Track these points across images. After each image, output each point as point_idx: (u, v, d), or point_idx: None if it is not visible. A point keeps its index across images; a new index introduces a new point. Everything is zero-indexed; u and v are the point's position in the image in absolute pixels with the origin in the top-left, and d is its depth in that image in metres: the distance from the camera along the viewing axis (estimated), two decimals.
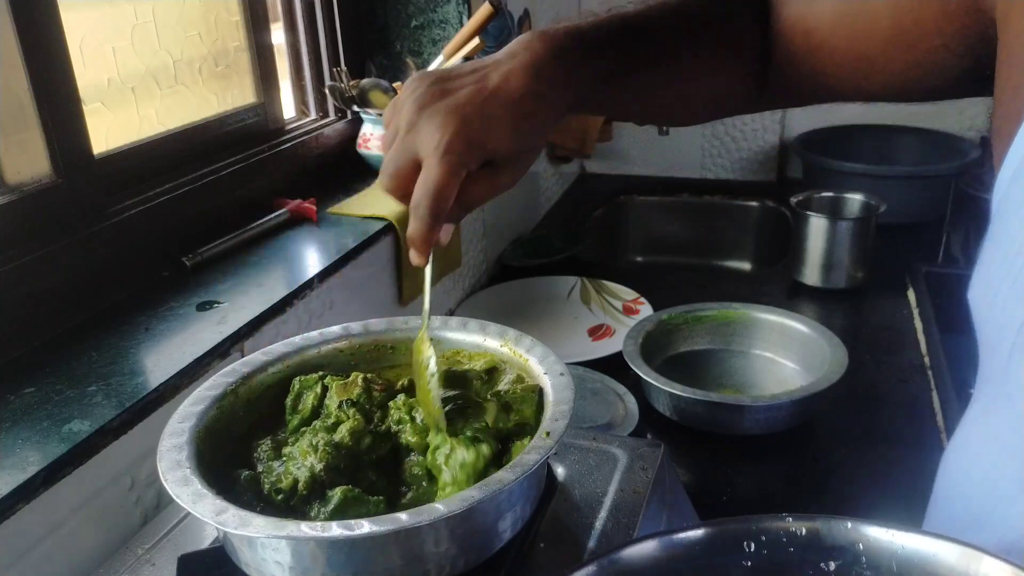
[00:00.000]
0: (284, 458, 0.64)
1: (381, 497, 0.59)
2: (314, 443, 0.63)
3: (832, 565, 0.57)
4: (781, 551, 0.57)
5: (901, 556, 0.54)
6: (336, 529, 0.51)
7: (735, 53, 0.72)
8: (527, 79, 0.58)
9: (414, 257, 0.61)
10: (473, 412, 0.63)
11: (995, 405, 0.61)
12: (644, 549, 0.55)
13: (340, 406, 0.66)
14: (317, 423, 0.66)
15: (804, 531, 0.57)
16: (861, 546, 0.56)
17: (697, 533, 0.57)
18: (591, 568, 0.53)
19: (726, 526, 0.58)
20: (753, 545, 0.57)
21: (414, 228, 0.58)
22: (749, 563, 0.57)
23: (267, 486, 0.61)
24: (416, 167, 0.57)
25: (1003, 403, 0.59)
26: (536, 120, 0.60)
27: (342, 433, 0.63)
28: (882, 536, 0.55)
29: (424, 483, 0.61)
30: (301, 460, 0.62)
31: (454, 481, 0.59)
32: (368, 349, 0.75)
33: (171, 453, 0.59)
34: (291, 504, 0.60)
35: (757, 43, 0.72)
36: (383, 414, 0.67)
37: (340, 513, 0.57)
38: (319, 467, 0.61)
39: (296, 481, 0.60)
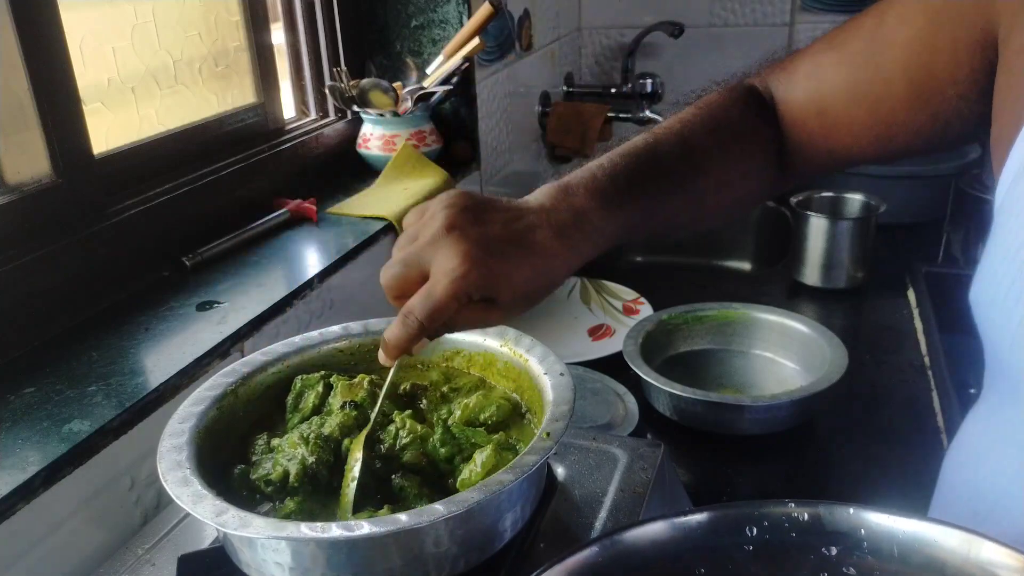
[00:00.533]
0: (275, 451, 0.64)
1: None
2: (305, 435, 0.63)
3: (834, 550, 0.57)
4: (783, 536, 0.58)
5: (902, 540, 0.54)
6: (335, 530, 0.51)
7: (748, 158, 0.73)
8: (552, 239, 0.60)
9: (382, 357, 0.61)
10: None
11: (999, 401, 0.61)
12: (647, 531, 0.56)
13: (343, 407, 0.66)
14: (315, 419, 0.66)
15: (806, 516, 0.58)
16: (863, 531, 0.56)
17: (699, 517, 0.57)
18: (593, 549, 0.53)
19: (728, 510, 0.58)
20: (755, 529, 0.58)
21: (396, 334, 0.58)
22: (751, 547, 0.57)
23: (257, 478, 0.61)
24: (422, 278, 0.58)
25: (1007, 399, 0.59)
26: (548, 277, 0.61)
27: (331, 427, 0.64)
28: (883, 521, 0.55)
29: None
30: (291, 451, 0.62)
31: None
32: (368, 349, 0.75)
33: (171, 454, 0.59)
34: (284, 492, 0.60)
35: (770, 140, 0.73)
36: (385, 420, 0.67)
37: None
38: (310, 459, 0.61)
39: (287, 472, 0.60)
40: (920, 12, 0.64)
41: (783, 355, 1.16)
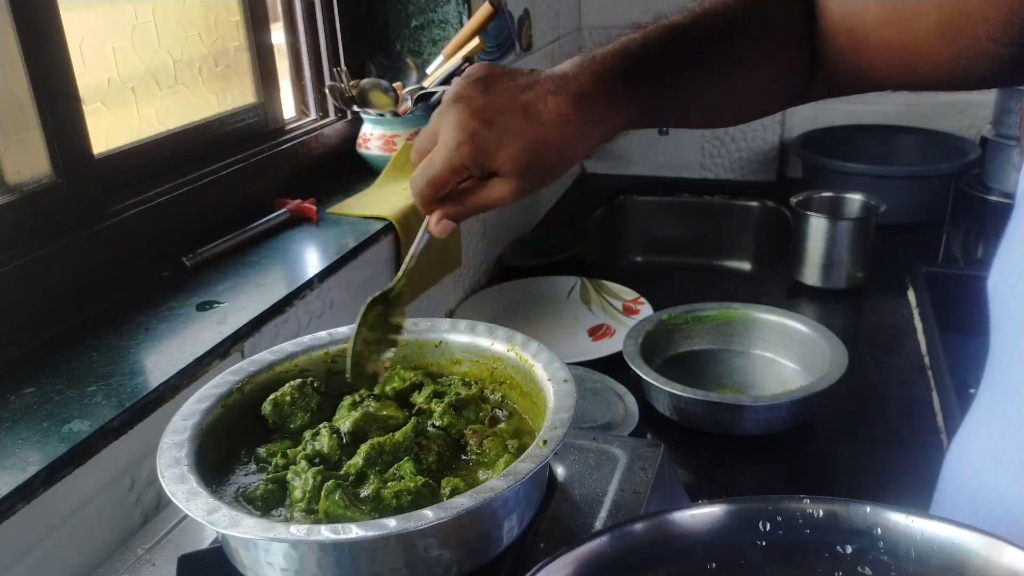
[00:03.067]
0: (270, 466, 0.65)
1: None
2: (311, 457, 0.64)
3: (849, 548, 0.56)
4: (797, 532, 0.57)
5: (920, 542, 0.53)
6: (324, 532, 0.51)
7: (783, 49, 0.71)
8: (566, 106, 0.58)
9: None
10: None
11: (1002, 398, 0.61)
12: (657, 524, 0.56)
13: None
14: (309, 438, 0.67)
15: (821, 513, 0.57)
16: (879, 530, 0.56)
17: (712, 510, 0.57)
18: (603, 539, 0.53)
19: (741, 504, 0.58)
20: (768, 525, 0.57)
21: (413, 197, 0.61)
22: (763, 543, 0.57)
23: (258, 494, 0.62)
24: (433, 147, 0.59)
25: (1011, 395, 0.59)
26: (557, 148, 0.59)
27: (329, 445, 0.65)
28: (901, 521, 0.55)
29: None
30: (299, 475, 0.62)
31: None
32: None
33: (171, 450, 0.59)
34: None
35: (805, 39, 0.72)
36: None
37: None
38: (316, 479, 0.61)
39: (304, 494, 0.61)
40: None
41: (783, 355, 1.16)
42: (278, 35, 1.24)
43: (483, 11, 1.24)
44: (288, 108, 1.28)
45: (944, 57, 0.64)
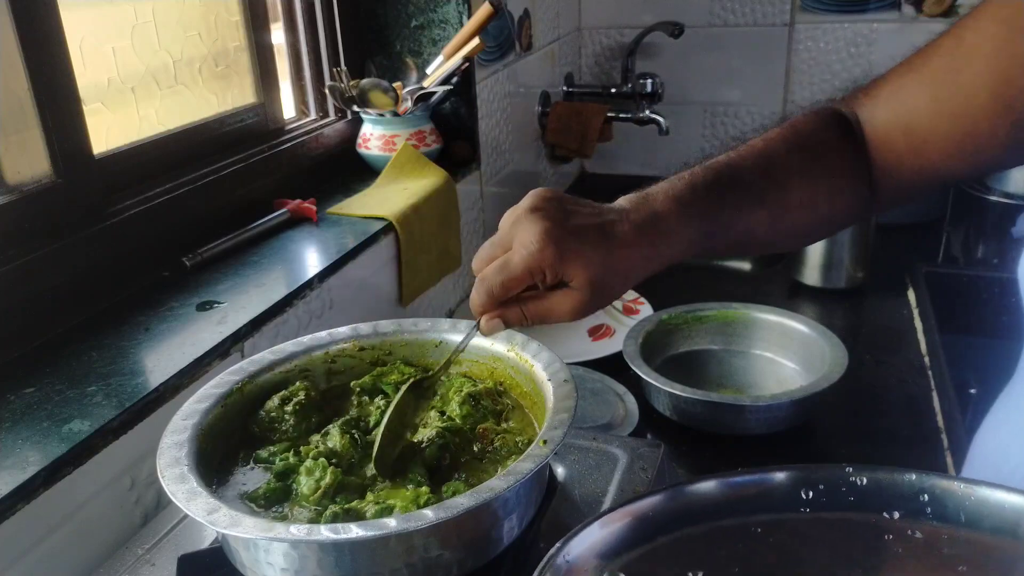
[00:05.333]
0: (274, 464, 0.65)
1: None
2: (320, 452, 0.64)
3: (896, 514, 0.58)
4: (840, 499, 0.59)
5: (969, 507, 0.55)
6: (324, 532, 0.51)
7: (830, 177, 0.73)
8: (632, 234, 0.63)
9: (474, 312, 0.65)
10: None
11: None
12: (708, 487, 0.59)
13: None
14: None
15: (864, 481, 0.59)
16: (926, 497, 0.57)
17: (755, 477, 0.60)
18: (661, 496, 0.57)
19: (782, 472, 0.60)
20: (811, 492, 0.59)
21: (474, 299, 0.63)
22: (807, 509, 0.59)
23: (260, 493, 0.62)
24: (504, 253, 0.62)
25: None
26: (624, 267, 0.63)
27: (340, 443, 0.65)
28: (948, 487, 0.56)
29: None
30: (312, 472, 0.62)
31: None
32: (377, 350, 0.76)
33: (171, 450, 0.59)
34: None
35: (851, 160, 0.74)
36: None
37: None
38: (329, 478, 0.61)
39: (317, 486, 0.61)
40: (995, 21, 0.66)
41: (783, 355, 1.16)
42: (278, 35, 1.24)
43: (483, 11, 1.24)
44: (288, 108, 1.28)
45: (1002, 132, 0.66)
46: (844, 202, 0.74)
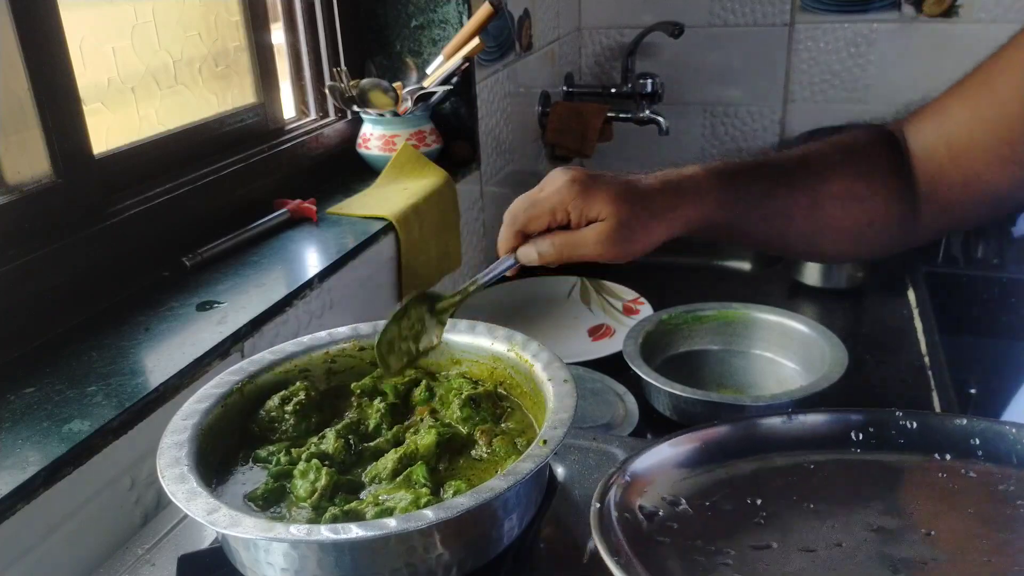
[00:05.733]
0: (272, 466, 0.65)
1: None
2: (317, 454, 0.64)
3: (948, 456, 0.61)
4: (890, 442, 0.62)
5: (1021, 449, 0.58)
6: (324, 532, 0.51)
7: (874, 180, 0.75)
8: (656, 184, 0.68)
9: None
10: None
11: None
12: (768, 423, 0.64)
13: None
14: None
15: (915, 425, 0.62)
16: (976, 440, 0.60)
17: (804, 419, 0.64)
18: (726, 428, 0.64)
19: (833, 415, 0.64)
20: (860, 435, 0.63)
21: (501, 233, 0.68)
22: (857, 450, 0.63)
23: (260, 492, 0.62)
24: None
25: None
26: (648, 215, 0.67)
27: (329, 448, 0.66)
28: (1000, 431, 0.59)
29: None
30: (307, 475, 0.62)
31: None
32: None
33: (171, 450, 0.59)
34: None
35: (895, 164, 0.76)
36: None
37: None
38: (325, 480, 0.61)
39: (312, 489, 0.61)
40: None
41: (783, 355, 1.16)
42: (278, 35, 1.24)
43: (483, 11, 1.24)
44: (288, 108, 1.28)
45: None
46: (884, 207, 0.75)
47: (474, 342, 0.75)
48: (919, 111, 0.78)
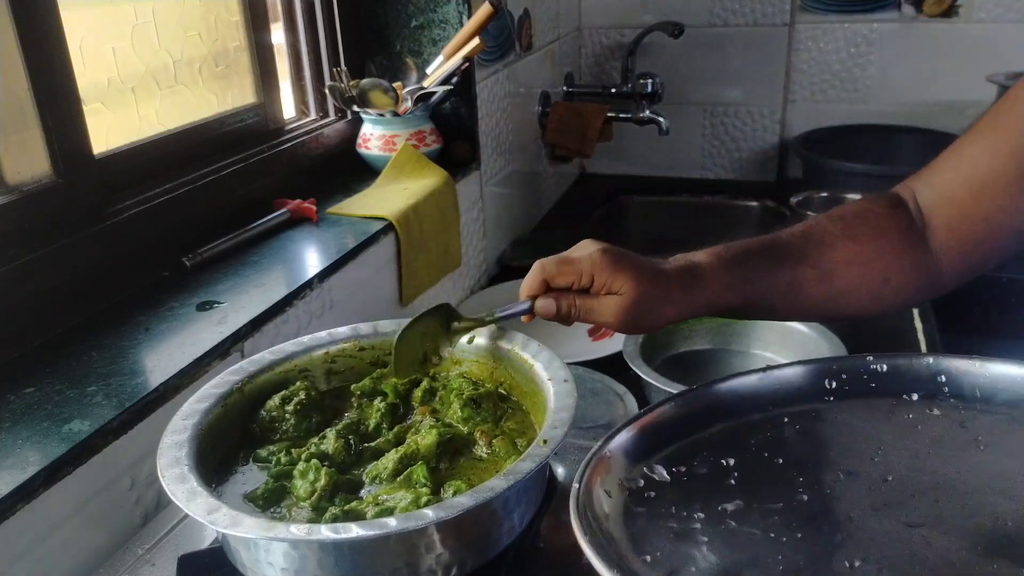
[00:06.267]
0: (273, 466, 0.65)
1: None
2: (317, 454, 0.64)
3: (915, 396, 0.63)
4: (862, 386, 0.65)
5: (984, 383, 0.60)
6: (324, 532, 0.51)
7: (880, 241, 0.77)
8: (672, 273, 0.72)
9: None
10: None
11: None
12: (737, 383, 0.67)
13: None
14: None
15: (885, 367, 0.65)
16: (943, 378, 0.63)
17: (779, 373, 0.67)
18: (710, 390, 0.66)
19: (805, 365, 0.67)
20: (834, 382, 0.65)
21: (527, 279, 0.71)
22: (831, 397, 0.65)
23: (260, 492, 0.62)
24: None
25: None
26: (664, 298, 0.70)
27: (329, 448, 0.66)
28: (963, 366, 0.62)
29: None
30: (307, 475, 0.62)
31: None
32: (377, 350, 0.76)
33: (171, 450, 0.59)
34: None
35: (905, 228, 0.77)
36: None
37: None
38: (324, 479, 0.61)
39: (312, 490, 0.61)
40: None
41: (783, 355, 1.16)
42: (278, 35, 1.24)
43: (483, 11, 1.24)
44: (288, 108, 1.28)
45: None
46: (896, 264, 0.77)
47: (474, 342, 0.75)
48: (929, 165, 0.80)
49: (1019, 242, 0.76)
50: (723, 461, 0.61)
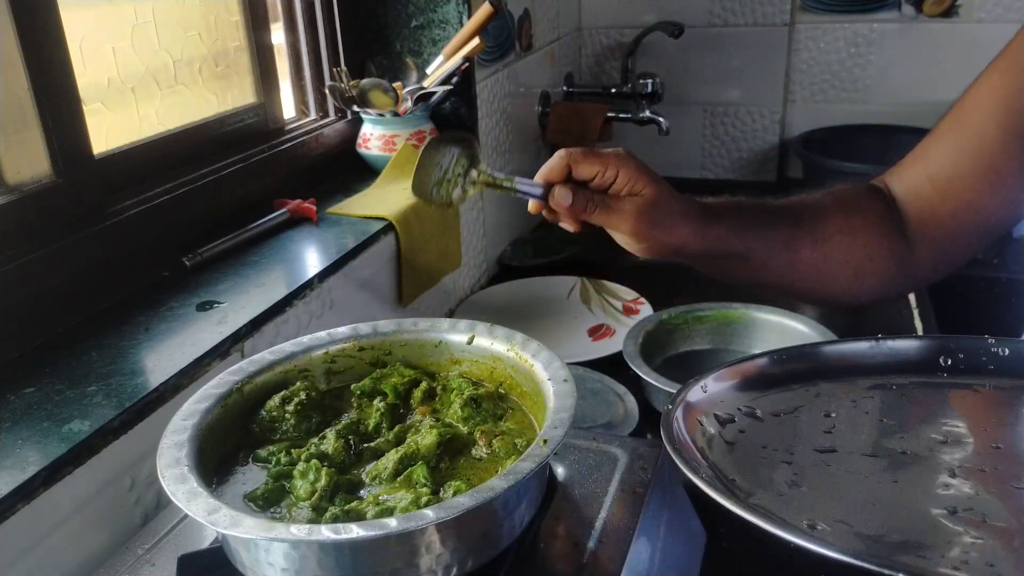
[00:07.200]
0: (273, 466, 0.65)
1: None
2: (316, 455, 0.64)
3: None
4: (979, 367, 0.64)
5: None
6: (324, 532, 0.51)
7: (867, 217, 0.80)
8: (690, 199, 0.76)
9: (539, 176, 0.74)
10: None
11: None
12: (860, 347, 0.67)
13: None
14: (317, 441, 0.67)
15: (1007, 351, 0.65)
16: None
17: (899, 343, 0.67)
18: (820, 350, 0.67)
19: (927, 340, 0.67)
20: (949, 360, 0.65)
21: (550, 161, 0.72)
22: (944, 375, 0.65)
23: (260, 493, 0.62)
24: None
25: None
26: (676, 216, 0.73)
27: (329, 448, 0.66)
28: None
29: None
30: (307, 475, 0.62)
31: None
32: (377, 350, 0.76)
33: (171, 450, 0.59)
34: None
35: (886, 214, 0.80)
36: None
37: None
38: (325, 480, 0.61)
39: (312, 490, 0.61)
40: (993, 68, 0.74)
41: None
42: (278, 35, 1.23)
43: (483, 11, 1.24)
44: (288, 108, 1.28)
45: (1020, 159, 0.73)
46: (878, 242, 0.80)
47: (474, 342, 0.75)
48: (899, 163, 0.83)
49: (988, 238, 0.78)
50: (822, 413, 0.61)
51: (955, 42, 1.72)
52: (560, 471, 0.70)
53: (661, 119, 1.74)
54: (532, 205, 0.74)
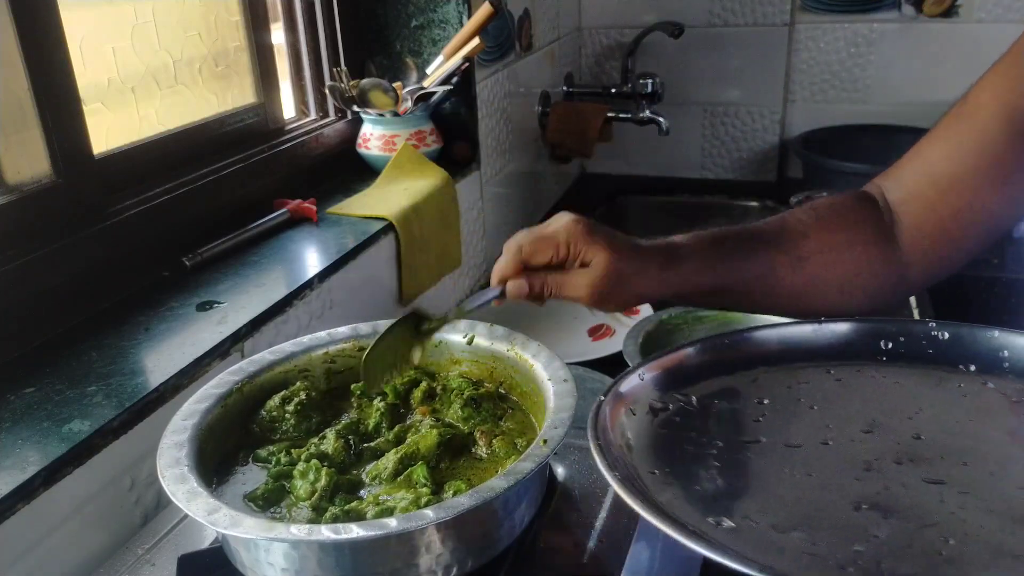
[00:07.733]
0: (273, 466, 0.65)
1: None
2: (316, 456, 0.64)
3: (972, 367, 0.62)
4: (919, 351, 0.64)
5: None
6: (324, 532, 0.51)
7: (852, 233, 0.78)
8: (648, 250, 0.72)
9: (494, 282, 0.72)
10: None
11: None
12: (803, 330, 0.66)
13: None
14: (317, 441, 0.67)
15: (947, 335, 0.63)
16: (1006, 352, 0.61)
17: (838, 326, 0.66)
18: (761, 334, 0.65)
19: (866, 323, 0.66)
20: (890, 343, 0.64)
21: (499, 262, 0.70)
22: (884, 358, 0.64)
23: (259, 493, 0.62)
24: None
25: None
26: (636, 273, 0.70)
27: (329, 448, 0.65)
28: None
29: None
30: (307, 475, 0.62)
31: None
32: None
33: (171, 450, 0.59)
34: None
35: (874, 224, 0.78)
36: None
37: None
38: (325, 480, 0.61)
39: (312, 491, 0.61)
40: (996, 68, 0.73)
41: None
42: (278, 35, 1.23)
43: (483, 11, 1.24)
44: (288, 108, 1.28)
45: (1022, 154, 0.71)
46: (865, 258, 0.77)
47: (474, 342, 0.75)
48: (895, 165, 0.81)
49: (988, 240, 0.77)
50: (756, 400, 0.60)
51: (955, 42, 1.72)
52: (560, 471, 0.70)
53: (661, 119, 1.74)
54: (494, 303, 0.72)
